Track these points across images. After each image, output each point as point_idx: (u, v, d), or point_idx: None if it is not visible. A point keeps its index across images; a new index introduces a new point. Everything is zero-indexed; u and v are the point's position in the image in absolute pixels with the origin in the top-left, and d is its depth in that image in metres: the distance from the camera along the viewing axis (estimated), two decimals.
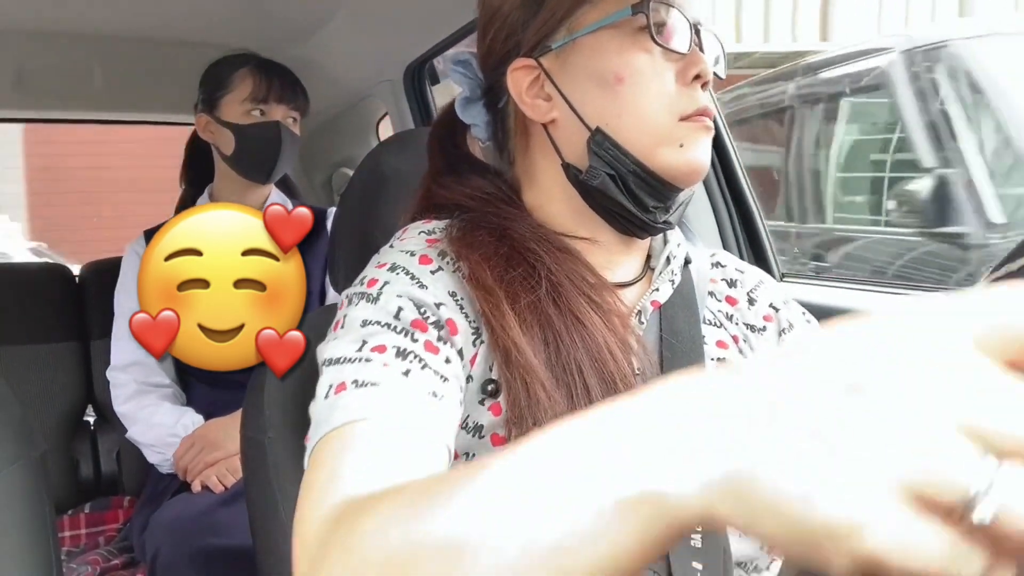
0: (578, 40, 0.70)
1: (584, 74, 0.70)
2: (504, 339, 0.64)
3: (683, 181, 0.70)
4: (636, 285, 0.76)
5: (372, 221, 0.94)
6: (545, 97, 0.72)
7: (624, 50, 0.68)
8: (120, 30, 1.75)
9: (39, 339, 1.83)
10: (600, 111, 0.69)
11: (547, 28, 0.71)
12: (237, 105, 1.60)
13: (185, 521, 1.38)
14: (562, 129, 0.72)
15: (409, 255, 0.69)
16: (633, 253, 0.77)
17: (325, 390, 0.61)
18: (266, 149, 1.60)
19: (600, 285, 0.70)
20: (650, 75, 0.68)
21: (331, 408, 0.59)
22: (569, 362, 0.65)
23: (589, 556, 0.34)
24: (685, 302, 0.76)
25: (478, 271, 0.67)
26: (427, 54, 1.87)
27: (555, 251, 0.70)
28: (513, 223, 0.72)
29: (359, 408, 0.58)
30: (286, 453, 0.83)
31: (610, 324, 0.68)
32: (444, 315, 0.65)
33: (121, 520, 1.76)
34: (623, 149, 0.69)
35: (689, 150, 0.69)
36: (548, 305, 0.66)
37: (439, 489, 0.41)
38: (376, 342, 0.62)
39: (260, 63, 1.63)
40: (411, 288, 0.66)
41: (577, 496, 0.34)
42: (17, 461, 0.78)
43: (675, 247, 0.79)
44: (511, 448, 0.39)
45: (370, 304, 0.65)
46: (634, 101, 0.68)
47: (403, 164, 0.96)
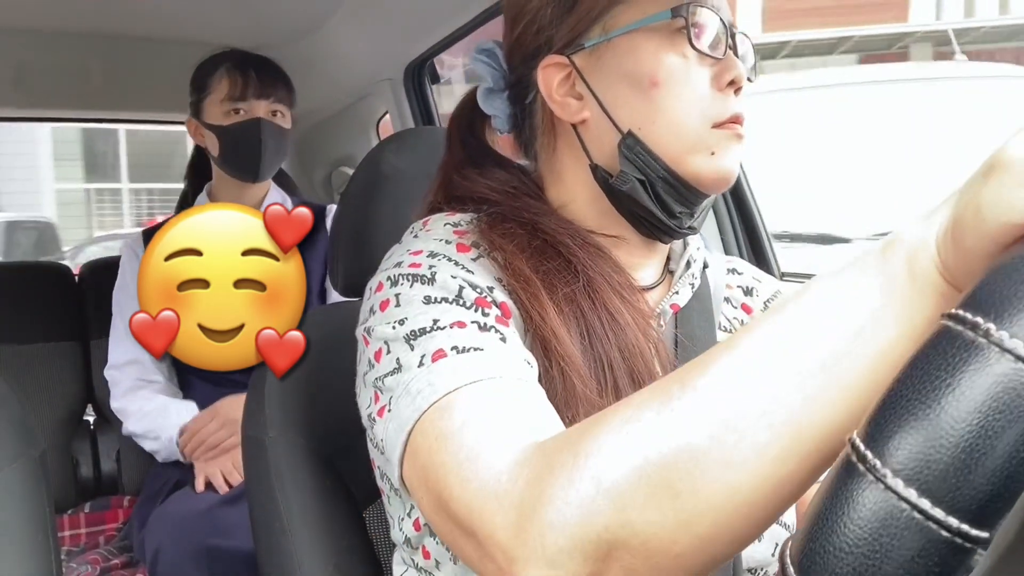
0: (613, 40, 0.68)
1: (618, 75, 0.68)
2: (543, 328, 0.63)
3: (711, 188, 0.69)
4: (656, 288, 0.75)
5: (372, 220, 0.94)
6: (576, 96, 0.71)
7: (660, 52, 0.67)
8: (119, 29, 1.75)
9: (39, 338, 1.83)
10: (632, 114, 0.68)
11: (581, 26, 0.70)
12: (217, 106, 1.59)
13: (187, 519, 1.37)
14: (592, 130, 0.71)
15: (444, 243, 0.67)
16: (654, 256, 0.75)
17: (418, 359, 0.57)
18: (249, 148, 1.59)
19: (629, 285, 0.69)
20: (685, 80, 0.67)
21: (432, 375, 0.56)
22: (601, 357, 0.64)
23: (867, 348, 0.39)
24: (701, 306, 0.75)
25: (515, 260, 0.65)
26: (427, 53, 1.86)
27: (588, 247, 0.69)
28: (542, 218, 0.70)
29: (479, 369, 0.55)
30: (287, 452, 0.83)
31: (641, 324, 0.67)
32: (498, 298, 0.63)
33: (121, 520, 1.76)
34: (654, 154, 0.67)
35: (720, 158, 0.67)
36: (583, 299, 0.65)
37: (688, 378, 0.43)
38: (452, 318, 0.59)
39: (237, 60, 1.60)
40: (460, 271, 0.63)
41: (840, 303, 0.40)
42: (17, 460, 0.78)
43: (695, 251, 0.78)
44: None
45: (427, 285, 0.62)
46: (668, 106, 0.66)
47: (403, 163, 0.95)
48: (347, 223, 0.98)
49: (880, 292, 0.39)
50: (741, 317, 0.79)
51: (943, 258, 0.38)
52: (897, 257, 0.39)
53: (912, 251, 0.39)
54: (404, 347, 0.59)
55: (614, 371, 0.63)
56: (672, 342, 0.72)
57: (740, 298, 0.80)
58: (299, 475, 0.81)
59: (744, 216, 1.50)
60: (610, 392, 0.63)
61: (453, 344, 0.57)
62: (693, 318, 0.74)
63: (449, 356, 0.56)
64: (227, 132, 1.59)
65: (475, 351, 0.56)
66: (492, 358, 0.56)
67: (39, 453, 0.80)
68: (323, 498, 0.81)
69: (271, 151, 1.61)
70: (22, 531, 0.77)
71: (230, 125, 1.58)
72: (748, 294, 0.81)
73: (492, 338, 0.58)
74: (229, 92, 1.58)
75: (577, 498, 0.43)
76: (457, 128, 0.79)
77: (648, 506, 0.41)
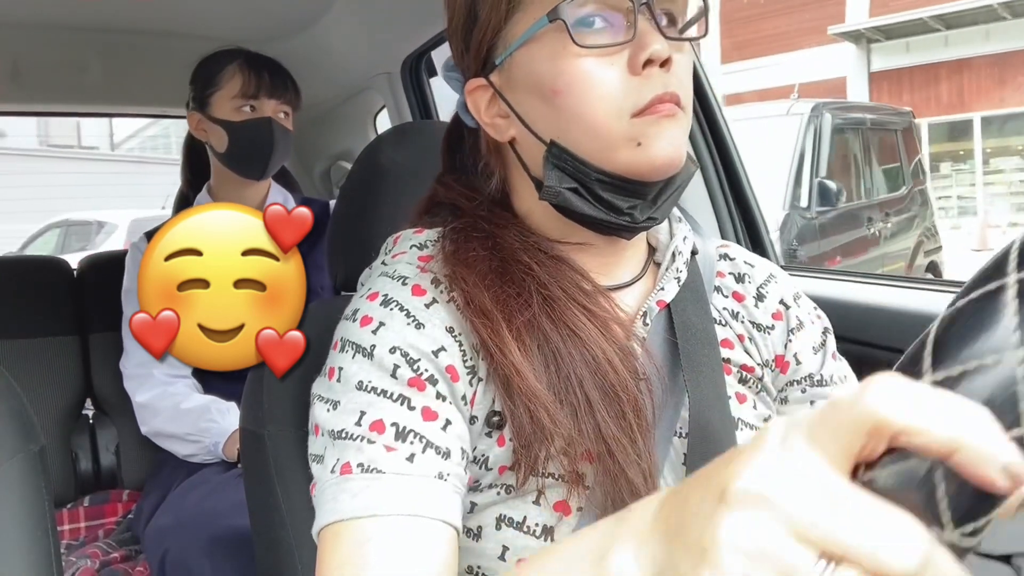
0: (514, 54, 0.66)
1: (525, 89, 0.66)
2: (504, 366, 0.62)
3: (651, 177, 0.65)
4: (639, 284, 0.74)
5: (371, 214, 0.94)
6: (503, 115, 0.69)
7: (554, 60, 0.64)
8: (116, 23, 1.75)
9: (38, 333, 1.83)
10: (548, 124, 0.66)
11: (484, 45, 0.68)
12: (227, 102, 1.59)
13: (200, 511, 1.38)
14: (523, 145, 0.70)
15: (401, 283, 0.67)
16: (628, 253, 0.74)
17: (332, 463, 0.61)
18: (259, 146, 1.59)
19: (595, 292, 0.68)
20: (587, 80, 0.63)
21: (338, 489, 0.60)
22: (570, 377, 0.63)
23: None
24: (695, 295, 0.74)
25: (475, 295, 0.65)
26: (425, 47, 1.86)
27: (546, 260, 0.68)
28: (504, 230, 0.69)
29: (368, 502, 0.58)
30: (285, 446, 0.83)
31: (607, 332, 0.66)
32: (443, 363, 0.63)
33: (120, 513, 1.76)
34: (580, 159, 0.65)
35: (649, 147, 0.63)
36: (543, 321, 0.64)
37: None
38: (374, 415, 0.61)
39: (249, 58, 1.61)
40: (407, 332, 0.64)
41: None
42: (16, 455, 0.78)
43: (680, 241, 0.75)
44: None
45: (366, 360, 0.63)
46: (576, 110, 0.63)
47: (401, 157, 0.95)
48: (345, 217, 0.98)
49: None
50: (732, 307, 0.77)
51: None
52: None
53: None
54: (328, 441, 0.63)
55: (585, 388, 0.63)
56: (662, 340, 0.71)
57: (731, 286, 0.78)
58: (298, 469, 0.82)
59: (741, 204, 1.50)
60: (584, 411, 0.62)
61: (359, 461, 0.60)
62: (688, 308, 0.72)
63: (354, 474, 0.60)
64: (237, 128, 1.59)
65: (376, 473, 0.59)
66: (390, 486, 0.59)
67: (38, 448, 0.81)
68: None
69: (280, 150, 1.62)
70: (22, 525, 0.77)
71: (240, 122, 1.59)
72: (740, 281, 0.78)
73: (404, 453, 0.60)
74: (243, 88, 1.58)
75: None
76: (448, 137, 0.79)
77: None
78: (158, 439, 1.60)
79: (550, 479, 0.65)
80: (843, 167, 6.05)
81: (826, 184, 5.36)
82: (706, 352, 0.71)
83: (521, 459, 0.63)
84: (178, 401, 1.56)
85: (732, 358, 0.74)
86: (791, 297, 0.78)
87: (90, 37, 1.81)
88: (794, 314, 0.77)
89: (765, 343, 0.76)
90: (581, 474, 0.64)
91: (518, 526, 0.66)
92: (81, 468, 1.83)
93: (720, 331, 0.75)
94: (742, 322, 0.76)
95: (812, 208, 5.28)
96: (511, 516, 0.66)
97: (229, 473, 1.50)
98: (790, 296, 0.78)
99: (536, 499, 0.65)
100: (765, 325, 0.76)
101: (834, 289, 1.32)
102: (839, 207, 5.46)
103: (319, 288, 1.35)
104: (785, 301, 0.78)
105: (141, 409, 1.61)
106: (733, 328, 0.76)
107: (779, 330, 0.76)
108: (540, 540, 0.65)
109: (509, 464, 0.64)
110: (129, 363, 1.65)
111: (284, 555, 0.81)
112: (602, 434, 0.62)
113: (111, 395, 1.82)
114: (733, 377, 0.74)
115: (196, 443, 1.54)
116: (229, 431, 1.52)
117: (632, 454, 0.62)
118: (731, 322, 0.76)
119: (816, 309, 0.80)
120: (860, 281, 1.37)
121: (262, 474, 0.85)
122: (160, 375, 1.59)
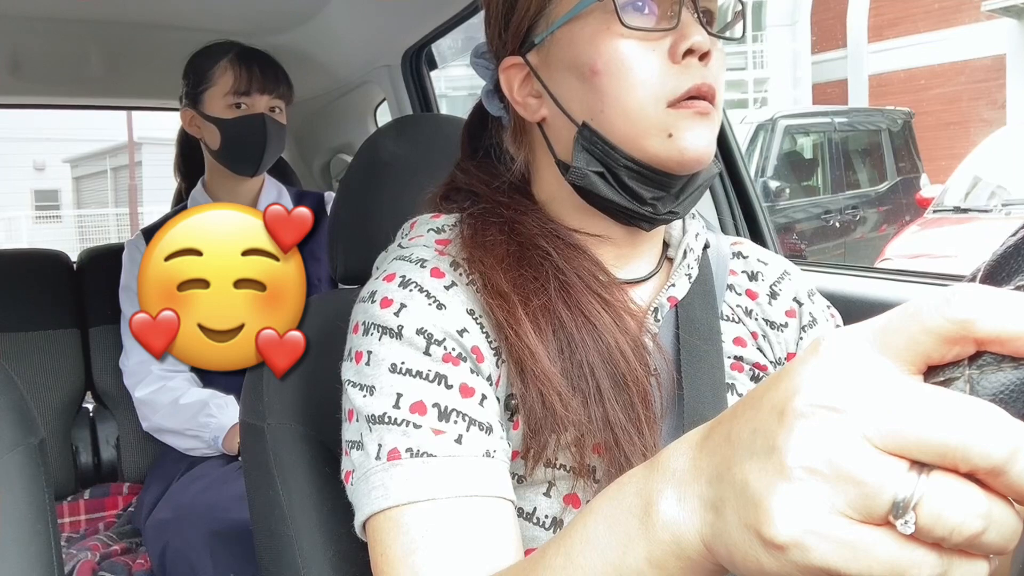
0: (555, 33, 0.67)
1: (564, 68, 0.67)
2: (519, 348, 0.62)
3: (677, 171, 0.66)
4: (652, 280, 0.74)
5: (371, 207, 0.94)
6: (535, 95, 0.70)
7: (597, 39, 0.64)
8: (116, 15, 1.74)
9: (38, 326, 1.83)
10: (583, 105, 0.66)
11: (525, 22, 0.68)
12: (219, 99, 1.59)
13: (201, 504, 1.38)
14: (553, 127, 0.70)
15: (419, 266, 0.66)
16: (644, 247, 0.74)
17: (374, 449, 0.60)
18: (252, 143, 1.59)
19: (611, 283, 0.68)
20: (628, 62, 0.63)
21: (387, 475, 0.59)
22: (583, 364, 0.63)
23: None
24: (703, 292, 0.74)
25: (493, 276, 0.65)
26: (425, 39, 1.86)
27: (564, 247, 0.68)
28: (523, 216, 0.69)
29: (423, 486, 0.58)
30: (285, 440, 0.83)
31: (621, 323, 0.66)
32: (468, 343, 0.63)
33: (120, 506, 1.77)
34: (611, 143, 0.65)
35: (679, 139, 0.63)
36: (559, 306, 0.64)
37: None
38: (413, 397, 0.61)
39: (240, 54, 1.60)
40: (429, 312, 0.63)
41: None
42: (16, 448, 0.78)
43: (692, 238, 0.76)
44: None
45: (395, 341, 0.63)
46: (613, 92, 0.64)
47: (401, 150, 0.95)
48: (346, 210, 0.98)
49: (648, 564, 0.39)
50: (745, 304, 0.77)
51: (708, 541, 0.36)
52: (662, 534, 0.38)
53: (677, 534, 0.38)
54: (366, 427, 0.62)
55: (596, 377, 0.63)
56: (673, 336, 0.71)
57: (744, 284, 0.78)
58: (298, 462, 0.82)
59: (743, 200, 1.50)
60: (595, 400, 0.63)
61: (408, 446, 0.59)
62: (695, 308, 0.72)
63: (403, 459, 0.59)
64: (229, 125, 1.58)
65: (427, 457, 0.59)
66: (443, 470, 0.58)
67: (38, 441, 0.81)
68: (322, 485, 0.82)
69: (273, 146, 1.61)
70: (22, 518, 0.77)
71: (233, 119, 1.58)
72: (753, 278, 0.78)
73: (452, 434, 0.60)
74: (234, 86, 1.57)
75: None
76: (468, 126, 0.79)
77: None
78: (159, 434, 1.60)
79: (561, 471, 0.65)
80: (797, 168, 7.29)
81: (768, 183, 6.55)
82: (707, 347, 0.71)
83: (531, 445, 0.63)
84: (177, 396, 1.56)
85: (745, 356, 0.74)
86: (805, 294, 0.78)
87: (90, 29, 1.80)
88: (808, 311, 0.77)
89: (778, 340, 0.76)
90: (591, 467, 0.64)
91: (528, 517, 0.66)
92: (81, 461, 1.83)
93: (734, 328, 0.75)
94: (755, 319, 0.76)
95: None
96: (521, 506, 0.66)
97: (229, 466, 1.50)
98: (804, 293, 0.78)
99: (547, 490, 0.66)
100: (778, 323, 0.76)
101: (845, 284, 1.32)
102: (779, 203, 6.70)
103: (316, 280, 1.35)
104: (799, 298, 0.78)
105: (141, 405, 1.61)
106: (747, 325, 0.76)
107: (792, 327, 0.76)
108: (548, 532, 0.66)
109: (521, 451, 0.65)
110: (128, 361, 1.65)
111: (284, 547, 0.81)
112: (610, 422, 0.62)
113: (111, 388, 1.82)
114: (746, 375, 0.74)
115: (196, 438, 1.54)
116: (228, 425, 1.52)
117: (639, 444, 0.63)
118: (744, 319, 0.76)
119: (830, 307, 0.80)
120: (871, 276, 1.37)
121: (262, 467, 0.85)
122: (158, 370, 1.59)
